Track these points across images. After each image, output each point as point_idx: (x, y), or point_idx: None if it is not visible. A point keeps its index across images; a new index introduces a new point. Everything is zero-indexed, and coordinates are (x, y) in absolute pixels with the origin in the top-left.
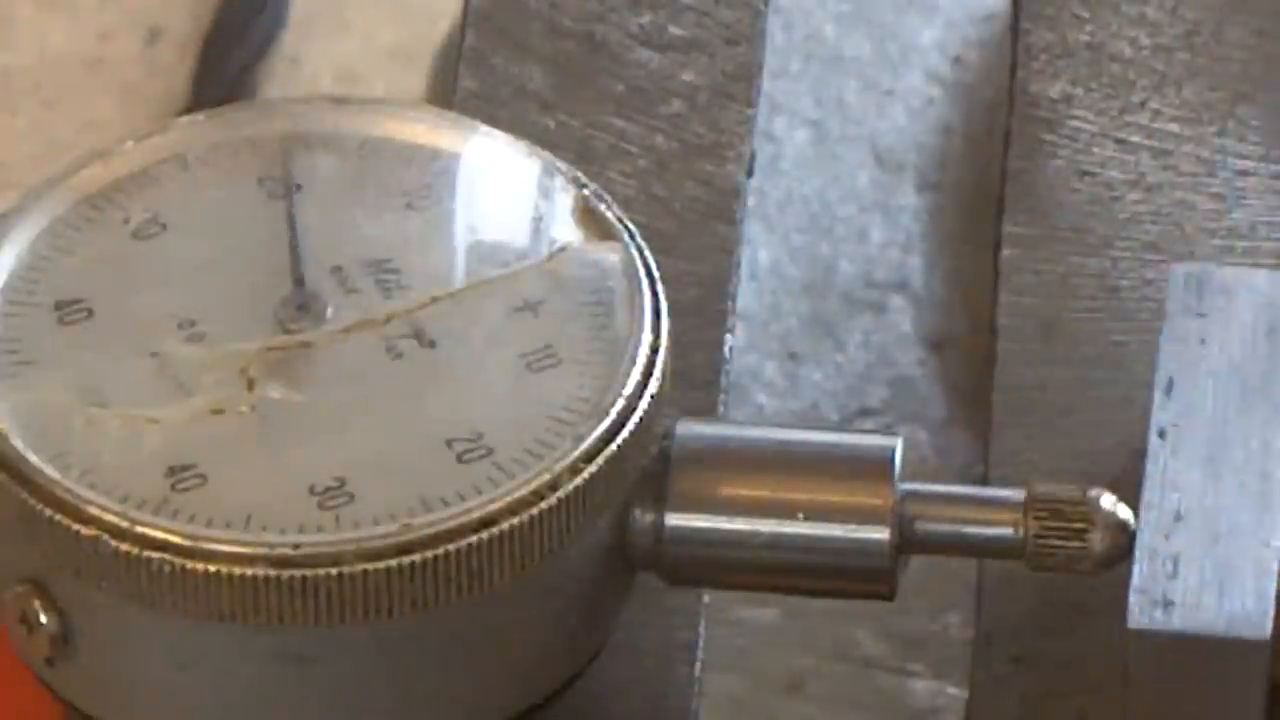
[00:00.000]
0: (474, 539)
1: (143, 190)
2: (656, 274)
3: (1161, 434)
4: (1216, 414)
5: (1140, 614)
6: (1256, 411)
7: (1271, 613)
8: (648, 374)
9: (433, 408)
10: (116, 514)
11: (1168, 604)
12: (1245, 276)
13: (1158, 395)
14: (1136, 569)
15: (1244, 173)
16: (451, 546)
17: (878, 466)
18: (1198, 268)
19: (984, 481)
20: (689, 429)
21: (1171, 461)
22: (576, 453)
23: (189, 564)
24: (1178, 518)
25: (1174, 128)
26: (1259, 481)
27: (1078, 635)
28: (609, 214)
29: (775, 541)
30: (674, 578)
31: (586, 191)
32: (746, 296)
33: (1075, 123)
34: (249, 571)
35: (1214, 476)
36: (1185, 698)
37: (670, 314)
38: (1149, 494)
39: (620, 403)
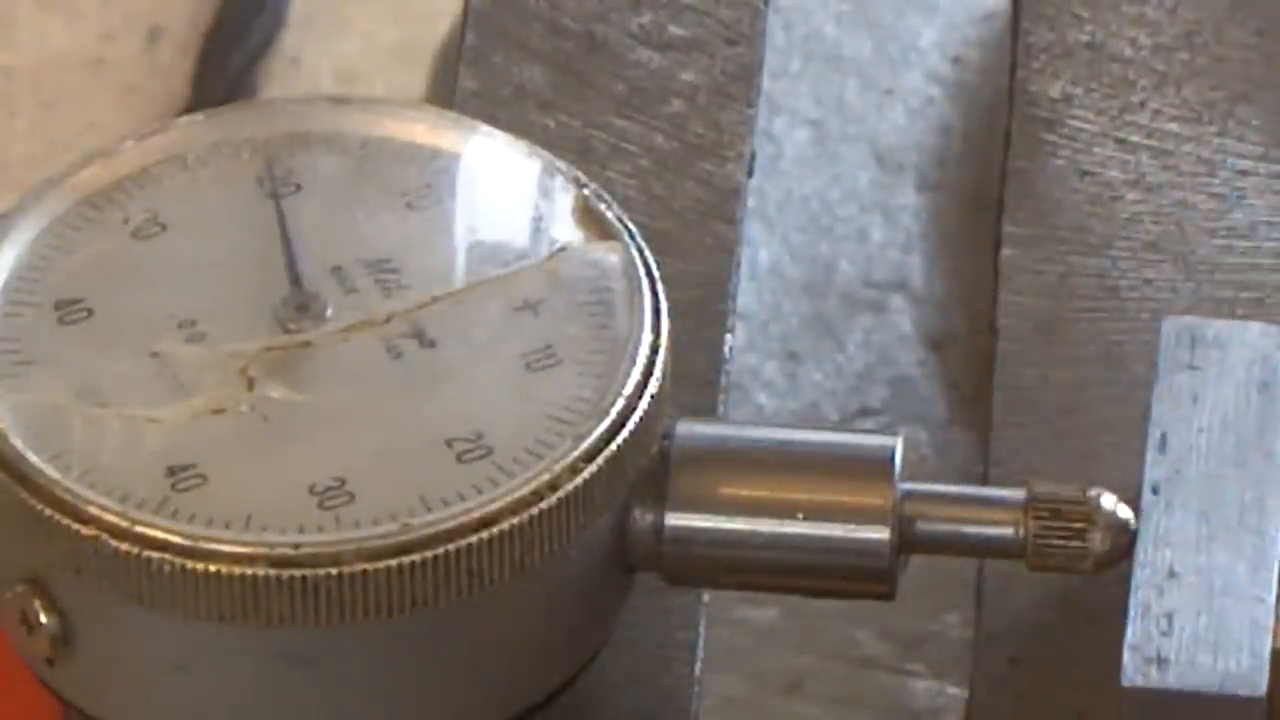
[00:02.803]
0: (474, 539)
1: (143, 190)
2: (656, 274)
3: (1155, 490)
4: (1210, 470)
5: (1134, 672)
6: (1250, 467)
7: (1266, 670)
8: (648, 374)
9: (433, 408)
10: (116, 514)
11: (1162, 661)
12: (1237, 330)
13: (1150, 452)
14: (1130, 627)
15: (1244, 173)
16: (451, 546)
17: (878, 466)
18: (1189, 322)
19: (984, 481)
20: (689, 429)
21: (1165, 518)
22: (576, 453)
23: (189, 564)
24: (1171, 574)
25: (1174, 128)
26: (1253, 538)
27: (1077, 635)
28: (609, 214)
29: (775, 541)
30: (674, 578)
31: (586, 191)
32: (746, 296)
33: (1075, 123)
34: (249, 571)
35: (1208, 533)
36: None
37: (670, 314)
38: (1142, 551)
39: (620, 403)
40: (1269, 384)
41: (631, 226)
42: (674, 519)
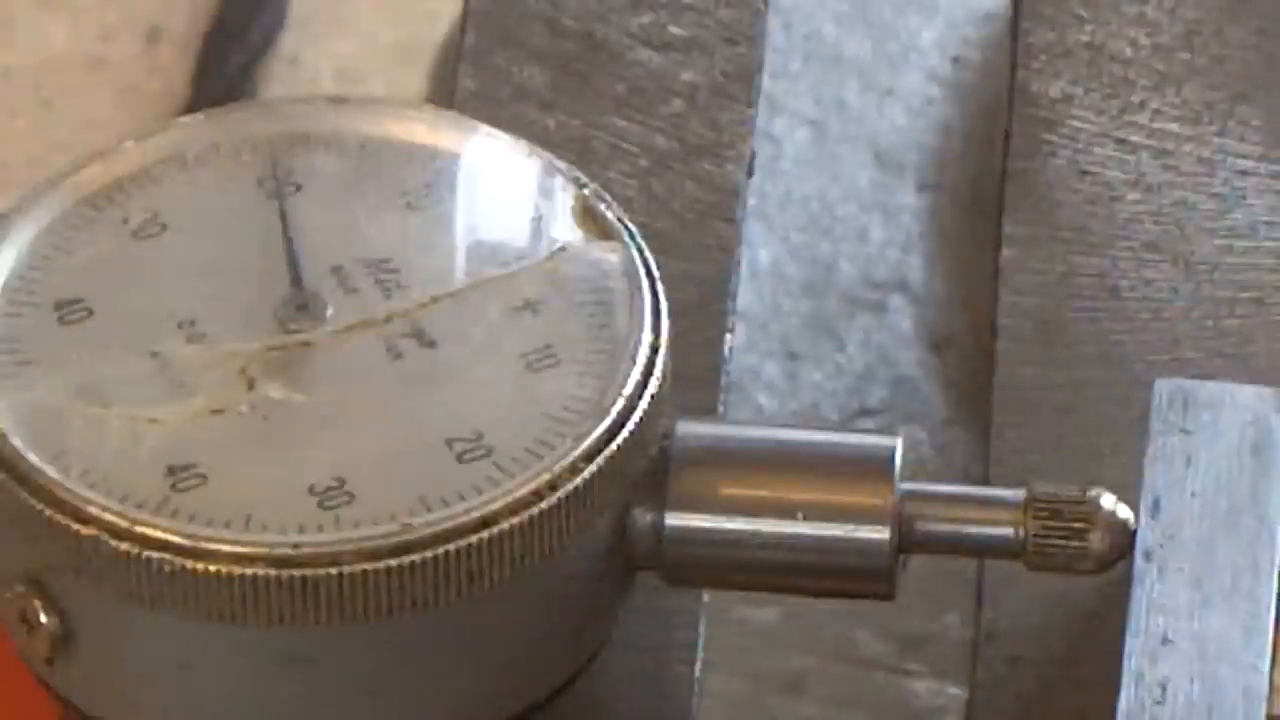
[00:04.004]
0: (474, 539)
1: (143, 190)
2: (656, 274)
3: (1148, 555)
4: (1203, 534)
5: None
6: (1243, 531)
7: None
8: (648, 374)
9: (433, 408)
10: (116, 514)
11: None
12: (1230, 393)
13: (1143, 516)
14: (1123, 695)
15: (1244, 173)
16: (451, 546)
17: (878, 466)
18: (1181, 385)
19: (984, 481)
20: (689, 429)
21: (1158, 584)
22: (576, 453)
23: (189, 564)
24: (1165, 641)
25: (1174, 128)
26: (1247, 603)
27: (1077, 635)
28: (609, 214)
29: (775, 541)
30: (674, 578)
31: (586, 191)
32: (746, 296)
33: (1075, 123)
34: (249, 571)
35: (1201, 599)
36: None
37: (670, 314)
38: (1135, 618)
39: (620, 403)
40: (1261, 447)
41: (631, 226)
42: (674, 519)
